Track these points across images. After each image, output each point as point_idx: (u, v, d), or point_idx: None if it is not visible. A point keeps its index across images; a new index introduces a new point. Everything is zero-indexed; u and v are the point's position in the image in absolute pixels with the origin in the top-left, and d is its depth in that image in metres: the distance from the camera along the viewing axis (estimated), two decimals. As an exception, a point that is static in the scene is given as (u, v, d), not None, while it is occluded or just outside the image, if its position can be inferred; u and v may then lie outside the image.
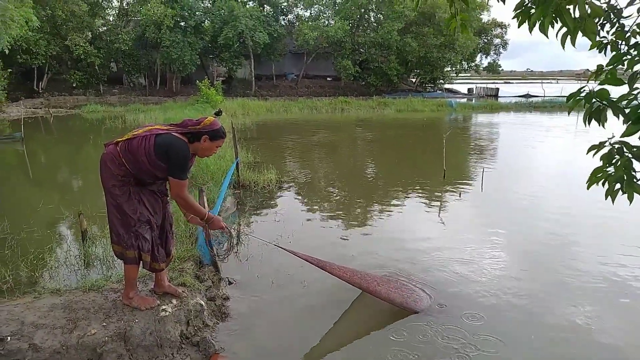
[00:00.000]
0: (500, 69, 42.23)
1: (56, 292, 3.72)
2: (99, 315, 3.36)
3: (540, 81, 48.15)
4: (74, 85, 29.85)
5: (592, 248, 5.49)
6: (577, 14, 1.81)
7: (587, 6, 1.76)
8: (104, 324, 3.27)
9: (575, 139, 15.18)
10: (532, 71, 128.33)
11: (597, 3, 1.84)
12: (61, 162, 12.32)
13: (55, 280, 4.50)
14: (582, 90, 1.83)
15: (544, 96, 33.67)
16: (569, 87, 19.70)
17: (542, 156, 12.11)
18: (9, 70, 22.83)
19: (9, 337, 3.12)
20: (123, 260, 3.37)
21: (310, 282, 4.41)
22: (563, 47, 1.88)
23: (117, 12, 33.27)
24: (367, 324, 3.85)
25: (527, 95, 35.19)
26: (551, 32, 1.93)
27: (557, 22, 1.89)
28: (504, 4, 2.44)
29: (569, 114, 2.57)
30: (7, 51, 19.05)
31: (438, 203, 7.62)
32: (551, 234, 5.98)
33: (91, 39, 29.46)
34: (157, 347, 3.23)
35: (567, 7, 1.82)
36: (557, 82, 54.57)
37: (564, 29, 1.87)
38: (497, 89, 37.08)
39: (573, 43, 1.86)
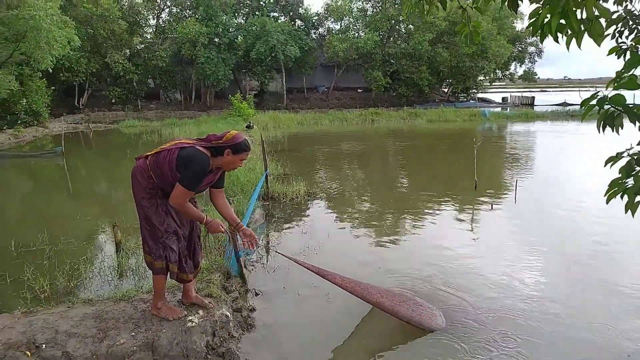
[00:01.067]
0: (536, 77, 41.37)
1: (88, 301, 3.84)
2: (129, 325, 3.45)
3: (578, 89, 46.78)
4: (113, 101, 30.95)
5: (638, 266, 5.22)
6: (584, 16, 1.78)
7: (594, 8, 1.73)
8: (133, 333, 3.36)
9: (615, 148, 14.63)
10: (569, 79, 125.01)
11: (611, 7, 1.80)
12: (99, 175, 12.75)
13: (90, 290, 4.66)
14: (595, 96, 1.79)
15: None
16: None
17: (580, 166, 11.74)
18: (52, 87, 23.90)
19: (44, 345, 3.25)
20: (152, 270, 3.47)
21: (335, 295, 4.40)
22: (568, 49, 1.85)
23: (154, 30, 34.42)
24: (391, 339, 3.79)
25: (564, 104, 34.23)
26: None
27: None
28: (516, 12, 2.41)
29: (582, 120, 2.50)
30: (50, 70, 20.00)
31: (469, 215, 7.48)
32: (591, 250, 5.70)
33: (129, 57, 30.54)
34: (183, 358, 3.28)
35: (575, 9, 1.79)
36: (596, 90, 52.85)
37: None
38: (533, 98, 36.26)
39: (579, 45, 1.83)
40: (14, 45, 18.40)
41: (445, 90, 38.21)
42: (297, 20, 35.02)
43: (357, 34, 33.48)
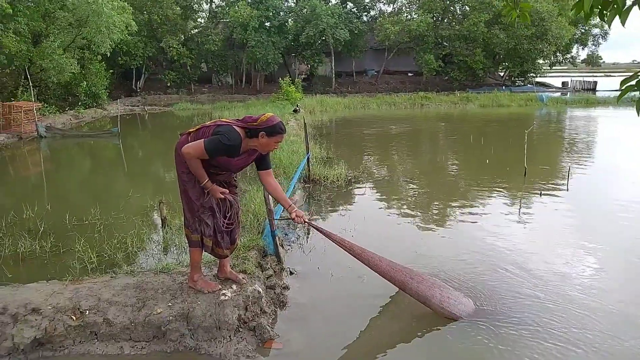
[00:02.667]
0: (601, 61, 39.03)
1: (130, 273, 4.04)
2: (166, 295, 3.60)
3: (647, 73, 43.67)
4: (168, 84, 31.95)
5: None
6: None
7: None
8: (170, 304, 3.50)
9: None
10: (638, 62, 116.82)
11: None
12: (153, 155, 13.27)
13: (135, 263, 4.88)
14: (636, 76, 1.65)
15: (651, 89, 30.57)
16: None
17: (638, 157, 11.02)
18: (111, 71, 24.97)
19: (87, 311, 3.45)
20: (188, 243, 3.60)
21: (370, 278, 4.37)
22: (609, 26, 1.71)
23: (207, 14, 35.06)
24: (421, 325, 3.75)
25: (631, 89, 32.11)
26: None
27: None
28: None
29: (617, 102, 2.32)
30: (109, 54, 20.88)
31: (517, 202, 7.21)
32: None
33: (184, 41, 31.31)
34: (215, 329, 3.39)
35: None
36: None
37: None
38: (595, 83, 34.19)
39: (623, 22, 1.69)
40: (76, 30, 19.32)
41: (501, 74, 36.69)
42: (348, 2, 34.54)
43: (409, 16, 32.67)
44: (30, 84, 16.08)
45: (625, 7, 1.79)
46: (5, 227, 5.90)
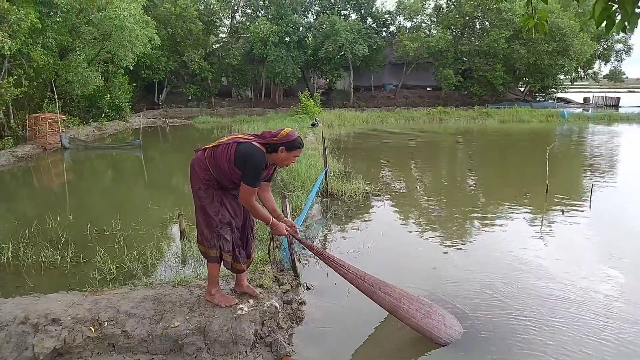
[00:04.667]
0: (624, 76, 38.40)
1: (149, 285, 4.07)
2: (184, 309, 3.61)
3: (673, 89, 42.90)
4: (189, 98, 32.44)
5: None
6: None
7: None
8: (187, 317, 3.51)
9: None
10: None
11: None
12: (173, 167, 13.43)
13: (153, 274, 4.93)
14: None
15: (676, 106, 30.04)
16: None
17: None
18: (134, 84, 25.47)
19: (105, 322, 3.48)
20: (207, 259, 3.61)
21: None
22: (617, 33, 1.70)
23: (228, 29, 35.65)
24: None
25: (655, 105, 31.58)
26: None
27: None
28: (578, 3, 2.25)
29: None
30: (132, 67, 21.33)
31: (538, 221, 7.08)
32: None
33: (205, 55, 31.84)
34: (232, 344, 3.39)
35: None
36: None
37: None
38: (618, 99, 33.63)
39: (632, 29, 1.68)
40: (100, 44, 19.82)
41: (522, 89, 36.36)
42: (368, 17, 34.77)
43: (428, 32, 32.70)
44: (56, 96, 16.48)
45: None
46: (28, 237, 6.01)
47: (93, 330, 3.42)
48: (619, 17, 1.97)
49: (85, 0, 18.05)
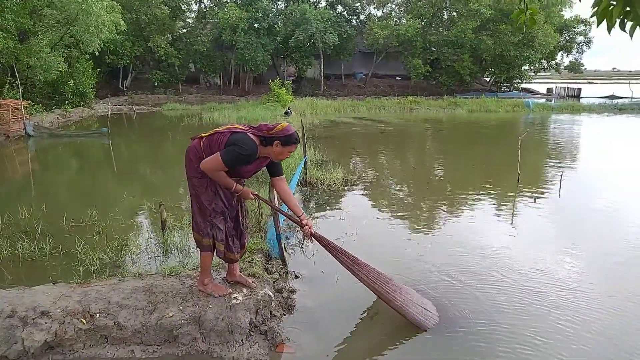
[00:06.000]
0: (583, 68, 39.71)
1: (138, 275, 4.02)
2: (177, 299, 3.59)
3: (627, 81, 44.69)
4: (155, 84, 31.62)
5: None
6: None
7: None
8: (181, 307, 3.49)
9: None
10: (618, 70, 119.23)
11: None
12: (143, 156, 13.15)
13: (137, 265, 4.85)
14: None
15: (632, 97, 31.35)
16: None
17: (628, 162, 11.28)
18: (98, 70, 24.64)
19: (97, 314, 3.42)
20: (200, 247, 3.59)
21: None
22: (631, 38, 1.79)
23: (196, 15, 34.85)
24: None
25: (613, 97, 32.86)
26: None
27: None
28: (580, 1, 2.34)
29: None
30: (97, 53, 20.64)
31: (510, 208, 7.33)
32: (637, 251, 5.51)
33: (172, 41, 31.06)
34: (228, 333, 3.40)
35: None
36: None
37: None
38: (579, 89, 34.85)
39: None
40: (64, 29, 19.06)
41: (488, 79, 37.18)
42: (338, 5, 34.64)
43: (398, 21, 32.92)
44: (19, 81, 15.79)
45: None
46: (1, 228, 5.80)
47: (84, 322, 3.36)
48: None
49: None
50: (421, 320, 3.72)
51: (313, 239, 3.72)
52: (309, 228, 3.61)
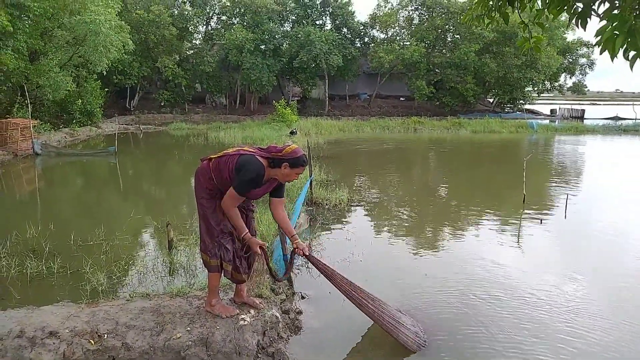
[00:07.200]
0: (586, 89, 39.89)
1: (146, 296, 4.03)
2: (184, 320, 3.60)
3: (631, 103, 44.84)
4: (162, 104, 32.01)
5: None
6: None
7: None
8: (188, 328, 3.50)
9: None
10: (622, 92, 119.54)
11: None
12: (149, 174, 13.23)
13: (144, 285, 4.87)
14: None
15: (636, 119, 31.45)
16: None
17: (633, 184, 11.26)
18: (106, 89, 24.97)
19: (105, 335, 3.43)
20: (207, 268, 3.62)
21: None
22: (631, 69, 1.84)
23: (203, 36, 35.41)
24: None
25: (616, 118, 32.96)
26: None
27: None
28: (584, 30, 2.40)
29: None
30: (104, 72, 20.96)
31: (515, 230, 7.32)
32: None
33: (179, 62, 31.52)
34: (235, 354, 3.39)
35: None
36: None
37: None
38: (583, 111, 34.99)
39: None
40: (73, 49, 19.40)
41: (491, 100, 37.41)
42: (343, 28, 35.16)
43: (402, 44, 33.33)
44: (28, 101, 16.02)
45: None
46: (9, 247, 5.84)
47: (93, 342, 3.37)
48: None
49: (58, 4, 17.65)
50: (409, 342, 3.72)
51: (309, 261, 3.78)
52: (302, 250, 3.61)
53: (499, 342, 3.85)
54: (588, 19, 2.28)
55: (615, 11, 2.08)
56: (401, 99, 36.75)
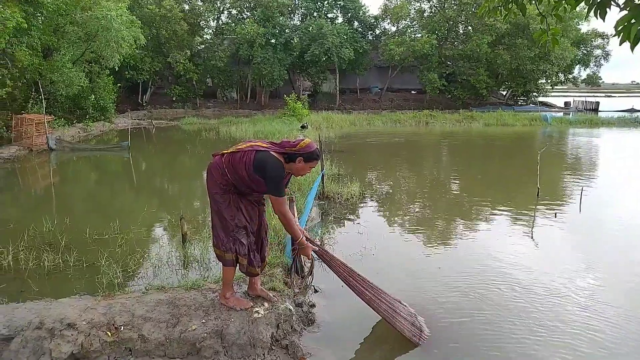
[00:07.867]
0: (601, 81, 39.31)
1: (162, 289, 4.07)
2: (199, 312, 3.64)
3: (648, 94, 44.10)
4: (174, 99, 32.19)
5: None
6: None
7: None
8: (203, 321, 3.54)
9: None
10: (638, 83, 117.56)
11: None
12: (161, 169, 13.34)
13: (159, 278, 4.92)
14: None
15: (653, 111, 30.99)
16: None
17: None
18: (118, 85, 25.16)
19: (122, 327, 3.48)
20: (222, 262, 3.64)
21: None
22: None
23: (214, 31, 35.48)
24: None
25: (632, 110, 32.47)
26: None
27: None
28: (604, 21, 2.37)
29: None
30: (117, 68, 21.10)
31: (529, 223, 7.26)
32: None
33: (190, 57, 31.63)
34: (250, 347, 3.42)
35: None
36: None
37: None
38: (598, 103, 34.52)
39: None
40: (86, 45, 19.55)
41: (504, 93, 37.02)
42: (354, 21, 34.98)
43: (413, 36, 33.08)
44: (43, 96, 16.21)
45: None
46: (27, 240, 5.93)
47: (110, 334, 3.42)
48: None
49: (71, 1, 17.77)
50: (405, 331, 3.73)
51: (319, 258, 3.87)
52: (307, 250, 3.61)
53: (514, 335, 3.83)
54: (607, 9, 2.24)
55: (637, 1, 2.04)
56: (413, 92, 36.53)
